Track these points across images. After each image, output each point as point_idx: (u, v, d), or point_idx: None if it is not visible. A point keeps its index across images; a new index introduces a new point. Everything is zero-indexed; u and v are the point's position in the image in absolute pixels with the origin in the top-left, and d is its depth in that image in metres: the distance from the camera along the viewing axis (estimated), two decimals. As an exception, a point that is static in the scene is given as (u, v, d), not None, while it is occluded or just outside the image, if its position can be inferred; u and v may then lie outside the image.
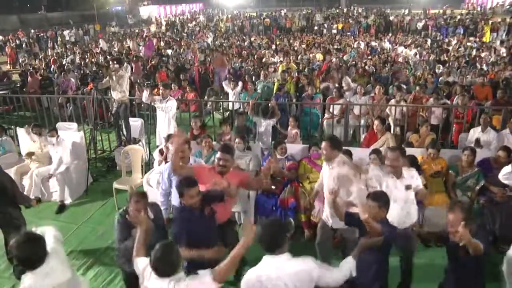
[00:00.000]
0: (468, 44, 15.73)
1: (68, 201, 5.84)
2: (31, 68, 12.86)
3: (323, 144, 3.66)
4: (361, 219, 2.94)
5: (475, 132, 5.77)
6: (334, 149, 3.60)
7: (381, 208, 3.00)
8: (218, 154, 3.59)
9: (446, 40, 18.07)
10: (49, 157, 5.96)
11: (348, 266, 2.71)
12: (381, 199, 3.04)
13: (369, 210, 2.98)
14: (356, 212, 3.19)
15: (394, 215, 3.41)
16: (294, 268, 2.43)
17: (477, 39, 17.92)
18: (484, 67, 10.76)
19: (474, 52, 13.55)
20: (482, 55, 12.76)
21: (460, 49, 14.41)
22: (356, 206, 3.40)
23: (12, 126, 7.46)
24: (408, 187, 3.61)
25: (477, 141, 5.59)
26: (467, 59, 12.14)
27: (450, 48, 14.83)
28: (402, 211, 3.60)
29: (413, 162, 4.54)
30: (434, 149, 4.83)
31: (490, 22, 20.67)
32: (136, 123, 7.22)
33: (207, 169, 3.70)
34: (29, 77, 11.31)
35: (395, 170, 3.61)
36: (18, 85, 11.51)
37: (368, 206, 3.01)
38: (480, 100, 7.81)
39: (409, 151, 4.99)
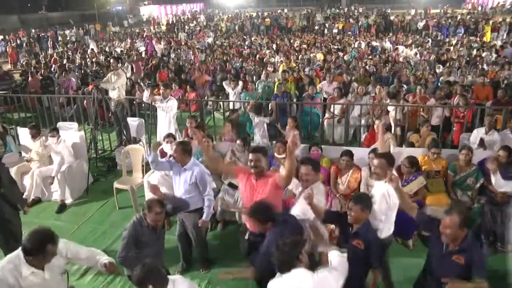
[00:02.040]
0: (468, 46, 15.70)
1: (68, 200, 5.85)
2: (32, 68, 12.87)
3: (304, 169, 3.39)
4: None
5: (479, 133, 5.72)
6: (317, 173, 3.55)
7: (363, 211, 2.96)
8: (250, 156, 3.42)
9: (447, 40, 18.06)
10: (50, 157, 5.97)
11: (336, 260, 2.67)
12: (362, 201, 3.00)
13: (352, 213, 2.97)
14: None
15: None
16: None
17: (478, 39, 17.90)
18: (485, 67, 10.74)
19: (474, 52, 13.53)
20: (483, 55, 12.74)
21: (461, 48, 14.39)
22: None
23: (13, 126, 7.47)
24: None
25: (482, 141, 5.54)
26: (468, 58, 12.13)
27: (451, 48, 14.80)
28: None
29: (413, 162, 4.55)
30: (438, 149, 4.81)
31: (490, 22, 20.65)
32: (134, 122, 7.23)
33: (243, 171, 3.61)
34: (29, 77, 11.33)
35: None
36: (22, 85, 11.50)
37: (350, 209, 2.98)
38: (480, 100, 7.80)
39: (410, 151, 5.00)
